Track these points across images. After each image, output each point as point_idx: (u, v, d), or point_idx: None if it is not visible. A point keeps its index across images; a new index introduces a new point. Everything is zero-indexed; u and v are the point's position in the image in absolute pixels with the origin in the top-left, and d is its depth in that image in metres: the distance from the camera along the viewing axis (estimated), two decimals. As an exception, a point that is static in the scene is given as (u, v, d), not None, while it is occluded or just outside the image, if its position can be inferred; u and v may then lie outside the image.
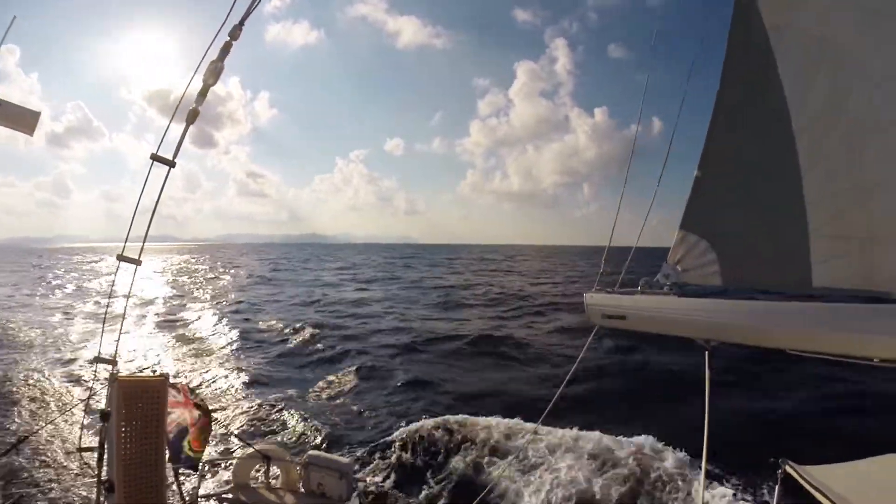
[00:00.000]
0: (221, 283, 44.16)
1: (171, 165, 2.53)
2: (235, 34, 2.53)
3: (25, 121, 3.06)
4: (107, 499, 3.39)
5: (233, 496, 4.86)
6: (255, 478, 5.28)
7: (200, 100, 2.50)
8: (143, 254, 2.69)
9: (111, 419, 3.24)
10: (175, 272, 59.12)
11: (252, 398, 11.91)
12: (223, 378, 13.74)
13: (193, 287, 40.83)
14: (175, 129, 2.73)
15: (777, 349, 2.24)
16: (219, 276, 52.21)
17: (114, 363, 2.99)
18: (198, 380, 13.64)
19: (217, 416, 9.93)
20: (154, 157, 2.54)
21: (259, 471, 5.27)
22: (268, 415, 10.86)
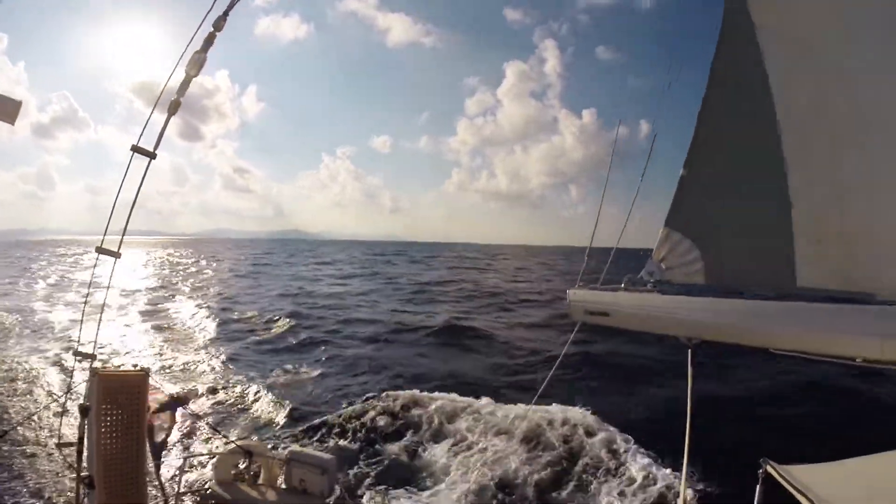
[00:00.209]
0: (204, 277, 45.22)
1: (152, 157, 2.50)
2: (219, 25, 2.50)
3: (6, 109, 3.00)
4: (87, 496, 3.34)
5: (214, 492, 4.82)
6: (237, 473, 5.24)
7: (182, 91, 2.47)
8: (131, 247, 2.66)
9: (91, 414, 3.19)
10: (160, 265, 60.34)
11: (225, 385, 12.53)
12: (198, 366, 14.36)
13: (177, 280, 41.74)
14: (159, 122, 2.70)
15: (760, 348, 2.24)
16: (201, 270, 53.39)
17: (93, 357, 2.95)
18: (175, 369, 14.18)
19: (198, 411, 10.06)
20: (135, 149, 2.50)
21: (241, 466, 5.24)
22: (239, 401, 11.36)
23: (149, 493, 3.67)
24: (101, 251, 2.63)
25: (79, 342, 3.25)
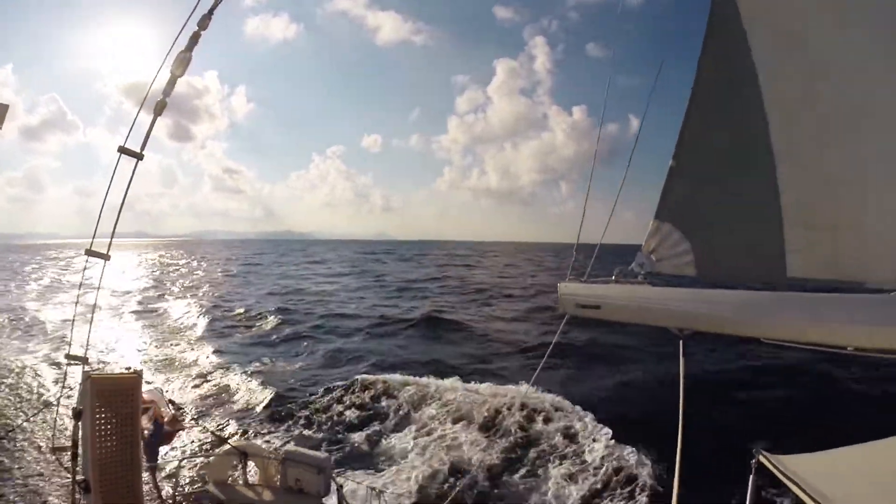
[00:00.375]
0: (195, 277, 46.12)
1: (139, 158, 2.48)
2: (204, 24, 2.48)
3: (-8, 114, 2.99)
4: (83, 499, 3.33)
5: (211, 493, 4.80)
6: (233, 474, 5.23)
7: (168, 91, 2.45)
8: (121, 249, 2.65)
9: (84, 418, 3.17)
10: (151, 267, 61.19)
11: (210, 379, 13.16)
12: (187, 363, 14.96)
13: (167, 280, 42.70)
14: (146, 123, 2.68)
15: (751, 338, 2.24)
16: (192, 271, 54.33)
17: (85, 360, 2.93)
18: (165, 366, 14.69)
19: (193, 412, 10.21)
20: (122, 150, 2.49)
21: (236, 467, 5.23)
22: (223, 392, 11.94)
23: (145, 496, 3.65)
24: (91, 253, 2.62)
25: (70, 345, 3.23)
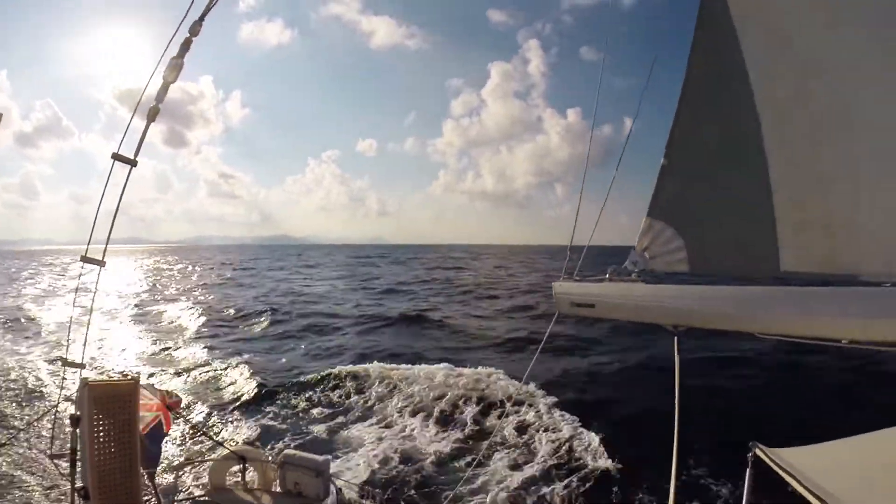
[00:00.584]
0: (190, 282, 47.30)
1: (133, 164, 2.49)
2: (195, 30, 2.50)
3: (-12, 122, 3.00)
4: None
5: (209, 499, 4.80)
6: (232, 479, 5.23)
7: (161, 97, 2.47)
8: (117, 255, 2.66)
9: (82, 424, 3.18)
10: (147, 272, 63.08)
11: (199, 374, 14.02)
12: (179, 363, 15.69)
13: (162, 285, 43.81)
14: (140, 129, 2.69)
15: (745, 333, 2.26)
16: (187, 276, 55.71)
17: (82, 366, 2.94)
18: (158, 365, 15.38)
19: (189, 415, 10.35)
20: (115, 157, 2.50)
21: (235, 472, 5.22)
22: (210, 386, 12.77)
23: (144, 502, 3.65)
24: (86, 260, 2.63)
25: (67, 351, 3.24)
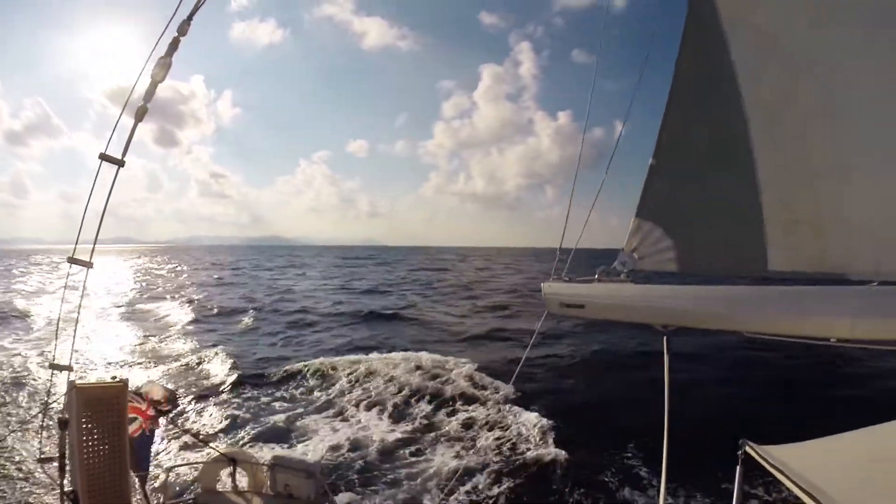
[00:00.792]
0: (178, 281, 48.29)
1: (121, 165, 2.47)
2: (184, 30, 2.48)
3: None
4: None
5: (200, 501, 4.77)
6: (222, 482, 5.19)
7: (149, 96, 2.45)
8: (106, 256, 2.64)
9: (71, 427, 3.15)
10: (136, 272, 63.72)
11: (195, 377, 14.33)
12: (165, 360, 16.20)
13: (151, 285, 44.49)
14: (128, 128, 2.67)
15: (734, 331, 2.27)
16: (177, 275, 56.97)
17: (69, 369, 2.91)
18: (148, 362, 15.86)
19: (180, 420, 10.34)
20: (103, 157, 2.48)
21: (225, 474, 5.19)
22: (205, 391, 12.90)
23: None
24: (74, 261, 2.60)
25: (54, 353, 3.21)
